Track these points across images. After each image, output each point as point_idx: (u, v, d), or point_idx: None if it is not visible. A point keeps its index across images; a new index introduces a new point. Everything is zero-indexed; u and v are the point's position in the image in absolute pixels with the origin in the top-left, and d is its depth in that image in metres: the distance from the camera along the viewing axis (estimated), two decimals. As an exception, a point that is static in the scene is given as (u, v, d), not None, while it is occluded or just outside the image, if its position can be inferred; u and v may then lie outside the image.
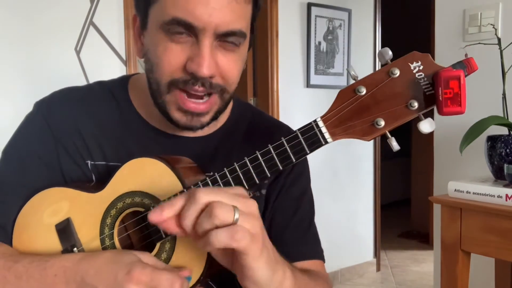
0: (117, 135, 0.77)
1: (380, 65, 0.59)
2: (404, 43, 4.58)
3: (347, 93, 0.58)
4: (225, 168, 0.61)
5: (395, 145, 0.58)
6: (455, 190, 1.34)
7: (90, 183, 0.74)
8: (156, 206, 0.63)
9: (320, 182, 2.92)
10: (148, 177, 0.66)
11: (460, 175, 1.71)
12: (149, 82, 0.72)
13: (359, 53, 3.14)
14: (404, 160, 4.69)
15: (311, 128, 0.59)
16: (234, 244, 0.51)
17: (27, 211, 0.72)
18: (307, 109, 2.89)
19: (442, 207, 1.36)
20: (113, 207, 0.67)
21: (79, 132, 0.76)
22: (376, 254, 3.38)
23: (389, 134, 0.58)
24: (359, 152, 3.20)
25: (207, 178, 0.61)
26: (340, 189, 3.11)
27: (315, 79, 2.91)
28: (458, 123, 1.42)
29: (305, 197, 0.84)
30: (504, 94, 1.44)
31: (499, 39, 1.45)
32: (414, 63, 0.57)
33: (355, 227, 3.23)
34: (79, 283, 0.61)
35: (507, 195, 1.22)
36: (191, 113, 0.70)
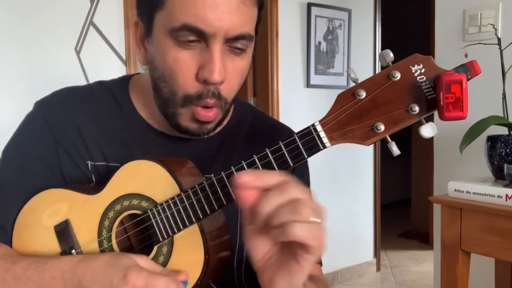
0: (117, 135, 0.77)
1: (381, 67, 0.57)
2: (404, 43, 4.59)
3: (346, 97, 0.57)
4: (222, 172, 0.60)
5: (395, 149, 0.57)
6: (455, 190, 1.34)
7: (90, 184, 0.74)
8: (154, 208, 0.64)
9: (320, 182, 2.92)
10: (146, 179, 0.66)
11: (460, 175, 1.71)
12: (159, 89, 0.71)
13: (359, 53, 3.14)
14: (404, 160, 4.69)
15: (309, 132, 0.57)
16: (311, 241, 0.50)
17: (26, 211, 0.72)
18: (307, 109, 2.89)
19: (442, 207, 1.36)
20: (111, 209, 0.67)
21: (79, 132, 0.76)
22: (376, 254, 3.38)
23: (389, 139, 0.57)
24: (359, 152, 3.20)
25: (204, 182, 0.61)
26: (340, 189, 3.11)
27: (315, 79, 2.91)
28: (458, 123, 1.41)
29: None
30: (504, 94, 1.44)
31: (499, 39, 1.45)
32: (416, 66, 0.55)
33: (355, 227, 3.23)
34: (77, 286, 0.61)
35: (507, 195, 1.22)
36: (200, 121, 0.70)
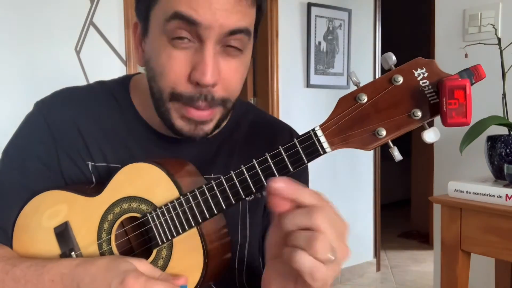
0: (118, 136, 0.76)
1: (381, 69, 0.56)
2: (404, 43, 4.59)
3: (347, 101, 0.56)
4: (221, 176, 0.59)
5: (397, 155, 0.56)
6: (455, 190, 1.34)
7: (90, 185, 0.74)
8: (153, 211, 0.63)
9: (320, 182, 2.91)
10: (145, 182, 0.65)
11: (460, 175, 1.71)
12: (151, 90, 0.71)
13: (359, 53, 3.13)
14: (404, 160, 4.65)
15: (309, 137, 0.56)
16: (310, 281, 0.49)
17: (26, 213, 0.72)
18: (307, 109, 2.89)
19: (442, 207, 1.36)
20: (110, 212, 0.67)
21: (79, 133, 0.76)
22: (376, 254, 3.38)
23: (391, 144, 0.56)
24: (359, 152, 3.19)
25: (204, 186, 0.60)
26: (340, 189, 3.11)
27: (315, 79, 2.91)
28: (458, 123, 1.42)
29: None
30: (504, 94, 1.44)
31: (499, 39, 1.45)
32: (419, 70, 0.54)
33: (355, 227, 3.23)
34: None
35: (507, 195, 1.22)
36: (194, 121, 0.68)
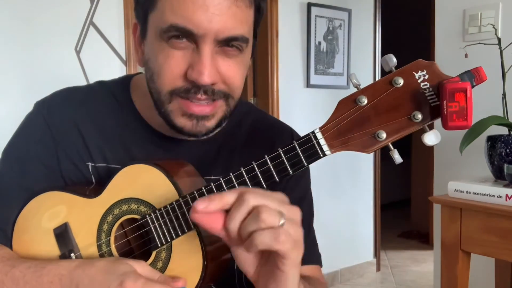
0: (118, 136, 0.76)
1: (381, 69, 0.56)
2: (404, 43, 4.59)
3: (347, 103, 0.55)
4: (220, 178, 0.59)
5: (397, 157, 0.56)
6: (455, 190, 1.34)
7: (89, 186, 0.74)
8: (152, 213, 0.63)
9: (320, 182, 2.92)
10: (144, 184, 0.65)
11: (460, 175, 1.71)
12: (150, 91, 0.71)
13: (359, 53, 3.13)
14: (404, 160, 4.67)
15: (309, 139, 0.56)
16: (278, 246, 0.50)
17: (26, 214, 0.72)
18: (307, 109, 2.89)
19: (442, 207, 1.36)
20: (109, 213, 0.67)
21: (79, 133, 0.75)
22: (376, 254, 3.38)
23: (391, 146, 0.56)
24: (359, 153, 3.19)
25: (203, 188, 0.60)
26: (340, 189, 3.11)
27: (315, 79, 2.91)
28: (458, 123, 1.42)
29: (305, 200, 0.83)
30: (504, 94, 1.44)
31: (499, 39, 1.45)
32: (419, 72, 0.53)
33: (355, 227, 3.23)
34: None
35: (507, 195, 1.22)
36: (196, 117, 0.68)
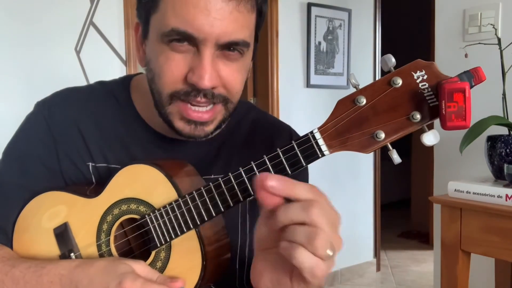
0: (118, 137, 0.76)
1: (381, 71, 0.56)
2: (404, 43, 4.59)
3: (346, 104, 0.55)
4: (219, 178, 0.59)
5: (396, 158, 0.55)
6: (455, 190, 1.34)
7: (89, 186, 0.74)
8: (152, 213, 0.63)
9: (320, 182, 2.90)
10: (144, 184, 0.65)
11: (460, 175, 1.71)
12: (151, 92, 0.71)
13: (359, 53, 3.13)
14: (404, 160, 4.68)
15: (307, 140, 0.56)
16: (310, 278, 0.50)
17: (26, 213, 0.72)
18: (307, 109, 2.89)
19: (442, 207, 1.36)
20: (109, 213, 0.67)
21: (80, 133, 0.76)
22: (376, 254, 3.38)
23: (390, 146, 0.56)
24: (359, 153, 3.19)
25: (202, 188, 0.60)
26: (340, 189, 3.11)
27: (315, 79, 2.91)
28: (458, 123, 1.42)
29: None
30: (504, 94, 1.44)
31: (499, 39, 1.45)
32: (418, 72, 0.53)
33: (355, 227, 3.23)
34: None
35: (507, 195, 1.22)
36: (194, 122, 0.68)
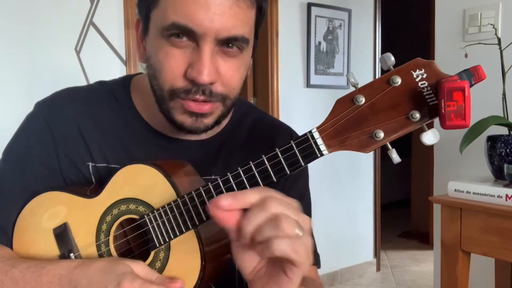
0: (118, 136, 0.76)
1: (381, 70, 0.56)
2: (404, 43, 4.59)
3: (344, 103, 0.55)
4: (218, 178, 0.59)
5: (395, 157, 0.55)
6: (455, 190, 1.34)
7: (89, 186, 0.74)
8: (151, 213, 0.63)
9: (320, 182, 2.92)
10: (143, 184, 0.65)
11: (460, 175, 1.71)
12: (152, 88, 0.71)
13: (359, 53, 3.13)
14: (404, 160, 4.68)
15: (306, 139, 0.56)
16: (294, 255, 0.50)
17: (26, 213, 0.72)
18: (307, 109, 2.89)
19: (442, 207, 1.36)
20: (108, 213, 0.67)
21: (80, 134, 0.76)
22: (376, 254, 3.38)
23: (389, 146, 0.55)
24: (359, 153, 3.19)
25: (201, 188, 0.60)
26: (340, 189, 3.11)
27: (315, 79, 2.91)
28: (458, 123, 1.42)
29: (303, 201, 0.82)
30: (504, 94, 1.44)
31: (499, 39, 1.45)
32: (417, 71, 0.53)
33: (355, 227, 3.23)
34: None
35: (507, 195, 1.22)
36: (195, 114, 0.69)
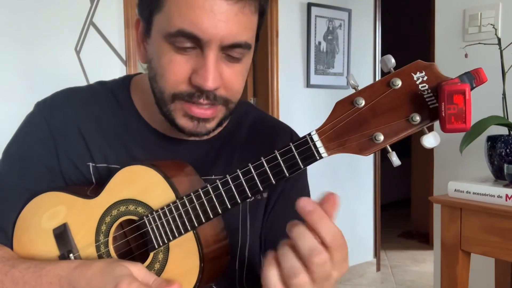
0: (118, 137, 0.76)
1: (381, 71, 0.56)
2: (404, 43, 4.59)
3: (344, 105, 0.55)
4: (217, 181, 0.59)
5: (395, 160, 0.55)
6: (455, 190, 1.34)
7: (89, 186, 0.74)
8: (150, 215, 0.64)
9: (320, 182, 2.91)
10: (142, 185, 0.65)
11: (460, 175, 1.71)
12: (153, 89, 0.71)
13: (359, 53, 3.13)
14: (404, 160, 4.67)
15: (305, 141, 0.56)
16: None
17: (26, 214, 0.72)
18: (307, 109, 2.89)
19: (442, 207, 1.36)
20: (107, 214, 0.67)
21: (80, 134, 0.76)
22: (376, 254, 3.38)
23: (389, 148, 0.55)
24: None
25: (200, 190, 0.60)
26: (340, 189, 3.11)
27: (315, 79, 2.91)
28: (458, 123, 1.42)
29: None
30: (504, 94, 1.44)
31: (499, 39, 1.45)
32: (418, 73, 0.52)
33: (355, 227, 3.23)
34: None
35: (507, 195, 1.22)
36: (197, 119, 0.69)
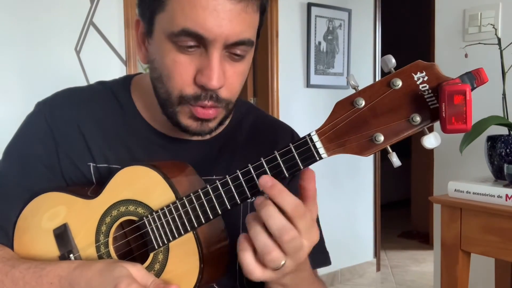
0: (119, 137, 0.76)
1: (381, 71, 0.56)
2: (404, 43, 4.59)
3: (344, 105, 0.55)
4: (217, 181, 0.59)
5: (395, 160, 0.55)
6: (455, 190, 1.34)
7: (89, 186, 0.74)
8: (149, 215, 0.64)
9: (320, 182, 2.90)
10: (142, 186, 0.65)
11: (460, 175, 1.71)
12: (156, 90, 0.71)
13: (359, 53, 3.13)
14: (404, 160, 4.67)
15: (305, 142, 0.55)
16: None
17: (26, 214, 0.72)
18: (307, 109, 2.89)
19: (442, 207, 1.36)
20: (108, 214, 0.67)
21: (80, 134, 0.76)
22: (376, 254, 3.38)
23: (390, 149, 0.55)
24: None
25: (199, 191, 0.60)
26: (340, 189, 3.11)
27: (315, 79, 2.91)
28: (458, 123, 1.42)
29: None
30: (504, 94, 1.44)
31: (499, 39, 1.45)
32: (418, 73, 0.52)
33: (355, 227, 3.23)
34: None
35: (507, 195, 1.22)
36: (201, 119, 0.70)
